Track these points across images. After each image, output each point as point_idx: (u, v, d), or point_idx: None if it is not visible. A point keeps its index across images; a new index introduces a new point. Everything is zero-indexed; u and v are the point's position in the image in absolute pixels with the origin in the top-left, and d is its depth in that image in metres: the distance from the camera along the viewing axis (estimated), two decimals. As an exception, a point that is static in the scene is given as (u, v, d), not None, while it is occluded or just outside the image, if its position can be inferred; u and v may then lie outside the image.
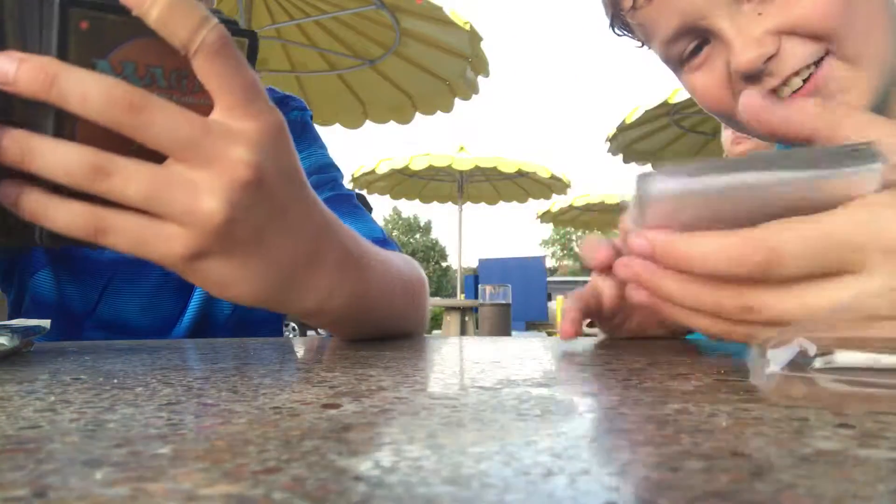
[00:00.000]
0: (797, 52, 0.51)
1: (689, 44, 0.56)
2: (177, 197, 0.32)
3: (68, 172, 0.31)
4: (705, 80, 0.56)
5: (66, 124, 0.32)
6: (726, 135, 1.77)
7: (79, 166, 0.31)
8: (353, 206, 0.74)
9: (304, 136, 0.79)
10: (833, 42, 0.50)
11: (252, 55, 0.36)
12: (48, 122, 0.31)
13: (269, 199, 0.35)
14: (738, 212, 0.31)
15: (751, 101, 0.36)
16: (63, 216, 0.32)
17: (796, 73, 0.51)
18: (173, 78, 0.34)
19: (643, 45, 0.62)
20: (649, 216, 0.33)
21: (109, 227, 0.32)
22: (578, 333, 0.47)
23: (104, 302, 0.71)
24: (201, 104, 0.34)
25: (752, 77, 0.52)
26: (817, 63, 0.51)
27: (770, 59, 0.51)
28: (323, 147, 0.81)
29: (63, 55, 0.31)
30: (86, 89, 0.30)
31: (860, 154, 0.29)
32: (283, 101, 0.81)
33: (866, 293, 0.30)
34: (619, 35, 0.64)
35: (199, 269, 0.35)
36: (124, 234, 0.33)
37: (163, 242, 0.33)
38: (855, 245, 0.30)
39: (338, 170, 0.80)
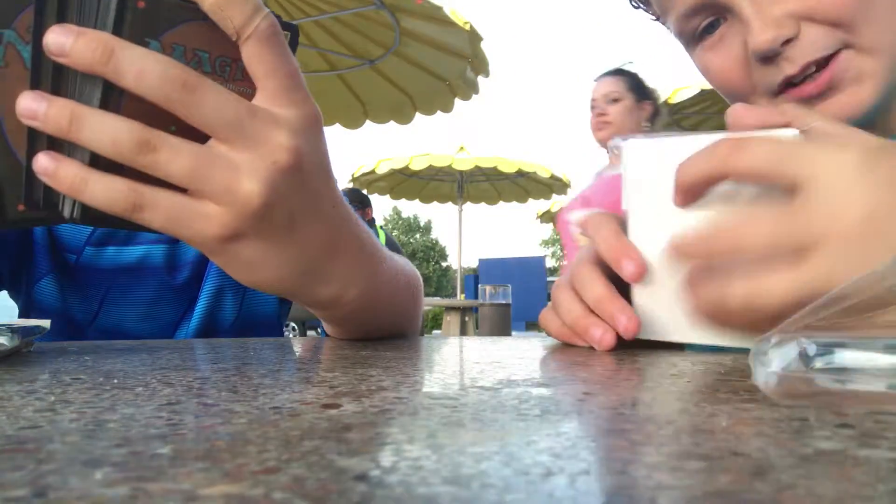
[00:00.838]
0: (816, 40, 0.50)
1: (705, 20, 0.55)
2: (218, 176, 0.32)
3: (116, 144, 0.31)
4: (721, 60, 0.55)
5: (111, 100, 0.32)
6: (592, 120, 2.06)
7: (127, 139, 0.31)
8: None
9: None
10: (851, 32, 0.50)
11: (293, 47, 0.37)
12: (95, 96, 0.32)
13: (304, 185, 0.36)
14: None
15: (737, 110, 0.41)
16: (102, 190, 0.32)
17: (813, 62, 0.51)
18: (217, 64, 0.34)
19: (658, 19, 0.61)
20: (631, 170, 0.41)
21: (147, 204, 0.32)
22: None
23: (104, 311, 0.71)
24: (242, 92, 0.35)
25: (768, 59, 0.51)
26: (833, 53, 0.51)
27: (788, 42, 0.50)
28: None
29: (118, 32, 0.31)
30: (143, 66, 0.30)
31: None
32: None
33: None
34: (635, 7, 0.64)
35: (229, 250, 0.35)
36: (162, 210, 0.33)
37: (199, 221, 0.33)
38: (811, 229, 0.32)
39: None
